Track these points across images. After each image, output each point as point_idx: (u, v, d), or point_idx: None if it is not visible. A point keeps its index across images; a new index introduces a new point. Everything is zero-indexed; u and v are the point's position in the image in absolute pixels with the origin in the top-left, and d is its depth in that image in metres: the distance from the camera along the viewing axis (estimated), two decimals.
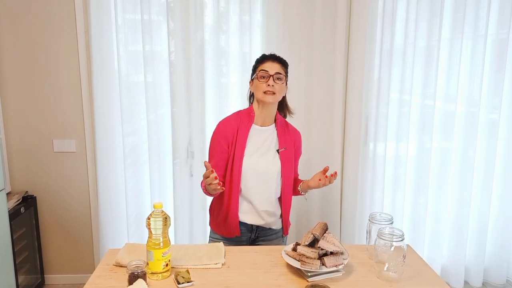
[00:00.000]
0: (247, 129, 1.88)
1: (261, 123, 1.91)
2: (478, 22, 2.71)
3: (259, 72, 1.84)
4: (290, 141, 1.95)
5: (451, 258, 3.00)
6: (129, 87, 2.74)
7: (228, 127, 1.90)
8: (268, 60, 1.86)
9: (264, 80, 1.83)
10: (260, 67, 1.86)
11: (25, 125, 2.83)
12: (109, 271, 1.57)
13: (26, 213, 2.81)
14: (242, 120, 1.91)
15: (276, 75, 1.83)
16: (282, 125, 1.96)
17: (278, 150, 1.91)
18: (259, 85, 1.84)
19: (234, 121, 1.91)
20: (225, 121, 1.93)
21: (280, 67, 1.86)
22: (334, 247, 1.52)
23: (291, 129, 2.00)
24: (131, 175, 2.83)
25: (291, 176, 1.95)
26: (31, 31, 2.72)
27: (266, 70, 1.83)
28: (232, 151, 1.87)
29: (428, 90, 2.77)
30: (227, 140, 1.88)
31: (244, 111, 1.94)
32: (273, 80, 1.81)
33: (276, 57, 1.89)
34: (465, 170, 2.87)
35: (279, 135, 1.93)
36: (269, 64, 1.85)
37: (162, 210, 1.49)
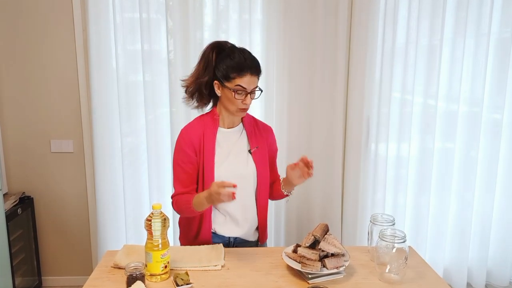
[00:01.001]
0: (213, 134, 1.77)
1: (228, 125, 1.80)
2: (481, 21, 2.71)
3: (235, 87, 1.66)
4: (262, 139, 1.85)
5: (454, 260, 3.00)
6: (127, 86, 2.74)
7: (193, 133, 1.76)
8: (247, 74, 1.66)
9: (240, 96, 1.68)
10: (237, 80, 1.66)
11: (22, 125, 2.83)
12: (107, 273, 1.57)
13: (23, 215, 2.81)
14: (206, 124, 1.78)
15: (253, 90, 1.69)
16: (250, 123, 1.85)
17: (250, 151, 1.80)
18: (233, 100, 1.69)
19: (199, 126, 1.78)
20: (189, 127, 1.80)
21: (256, 79, 1.70)
22: (335, 248, 1.51)
23: (261, 126, 1.89)
24: (129, 175, 2.83)
25: (267, 177, 1.84)
26: (28, 30, 2.72)
27: (244, 87, 1.66)
28: (201, 159, 1.75)
29: (430, 89, 2.77)
30: (194, 147, 1.75)
31: (207, 115, 1.82)
32: (250, 98, 1.69)
33: (256, 68, 1.70)
34: (468, 170, 2.87)
35: (248, 135, 1.82)
36: (248, 79, 1.67)
37: (161, 211, 1.49)
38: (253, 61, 1.70)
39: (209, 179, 1.73)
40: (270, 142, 1.90)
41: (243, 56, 1.69)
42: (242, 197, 1.77)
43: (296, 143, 2.79)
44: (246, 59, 1.69)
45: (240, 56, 1.69)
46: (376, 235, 1.59)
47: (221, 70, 1.70)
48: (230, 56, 1.69)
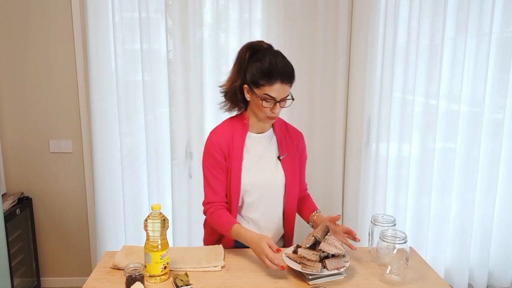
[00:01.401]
0: (242, 138, 1.70)
1: (258, 130, 1.74)
2: (482, 20, 2.71)
3: (264, 95, 1.58)
4: (292, 146, 1.79)
5: (455, 261, 3.00)
6: (126, 86, 2.74)
7: (222, 137, 1.70)
8: (277, 82, 1.57)
9: (269, 105, 1.60)
10: (266, 89, 1.58)
11: (21, 125, 2.83)
12: (106, 274, 1.57)
13: (22, 215, 2.81)
14: (235, 128, 1.72)
15: (283, 100, 1.61)
16: (281, 129, 1.79)
17: (280, 157, 1.75)
18: (261, 107, 1.62)
19: (228, 130, 1.72)
20: (217, 131, 1.74)
21: (288, 87, 1.61)
22: (335, 249, 1.51)
23: (292, 131, 1.83)
24: (128, 176, 2.83)
25: (296, 186, 1.79)
26: (26, 30, 2.72)
27: (273, 96, 1.58)
28: (229, 164, 1.69)
29: (431, 89, 2.77)
30: (223, 152, 1.69)
31: (237, 118, 1.75)
32: (279, 107, 1.61)
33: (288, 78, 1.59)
34: (469, 171, 2.87)
35: (279, 141, 1.76)
36: (278, 88, 1.57)
37: (160, 212, 1.49)
38: (285, 68, 1.59)
39: (235, 185, 1.69)
40: (300, 148, 1.83)
41: (274, 61, 1.58)
42: (268, 206, 1.76)
43: None
44: (278, 65, 1.57)
45: (272, 61, 1.57)
46: (376, 235, 1.59)
47: (250, 74, 1.61)
48: (261, 61, 1.59)
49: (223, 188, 1.73)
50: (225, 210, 1.73)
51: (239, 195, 1.71)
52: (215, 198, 1.73)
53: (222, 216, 1.69)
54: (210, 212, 1.72)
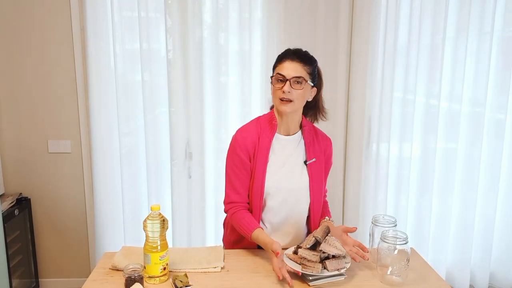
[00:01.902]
0: (269, 140, 1.68)
1: (285, 132, 1.71)
2: (484, 20, 2.71)
3: (275, 75, 1.61)
4: (320, 151, 1.76)
5: (456, 261, 3.00)
6: (125, 86, 2.74)
7: (249, 137, 1.68)
8: (286, 59, 1.61)
9: (280, 85, 1.60)
10: (277, 69, 1.62)
11: (19, 125, 2.83)
12: (105, 275, 1.57)
13: (20, 216, 2.81)
14: (263, 128, 1.69)
15: (294, 79, 1.58)
16: (310, 133, 1.76)
17: (306, 162, 1.72)
18: (274, 91, 1.62)
19: (255, 130, 1.70)
20: (244, 130, 1.72)
21: (301, 68, 1.60)
22: (336, 250, 1.51)
23: (321, 136, 1.80)
24: (127, 176, 2.83)
25: (321, 193, 1.78)
26: (25, 29, 2.72)
27: (282, 73, 1.59)
28: (253, 165, 1.67)
29: (432, 89, 2.77)
30: (248, 152, 1.67)
31: (265, 118, 1.73)
32: (290, 85, 1.58)
33: (298, 54, 1.63)
34: (471, 171, 2.87)
35: (307, 145, 1.73)
36: (288, 65, 1.59)
37: (159, 213, 1.49)
38: (296, 50, 1.65)
39: (259, 188, 1.67)
40: (327, 154, 1.80)
41: (288, 49, 1.67)
42: (291, 211, 1.74)
43: None
44: (290, 50, 1.65)
45: (286, 49, 1.67)
46: (377, 236, 1.59)
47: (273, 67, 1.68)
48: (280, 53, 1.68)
49: (246, 188, 1.71)
50: (247, 211, 1.71)
51: (262, 197, 1.69)
52: (237, 198, 1.71)
53: (245, 218, 1.67)
54: (232, 212, 1.71)
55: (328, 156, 1.82)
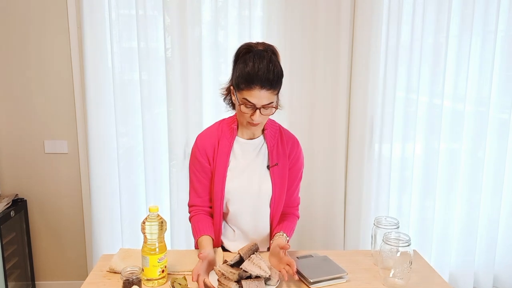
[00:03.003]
0: (229, 143, 1.68)
1: (247, 136, 1.70)
2: (488, 18, 2.71)
3: (242, 100, 1.53)
4: (284, 155, 1.72)
5: (460, 264, 3.00)
6: (123, 85, 2.74)
7: (207, 141, 1.69)
8: (256, 87, 1.49)
9: (248, 110, 1.54)
10: (244, 93, 1.52)
11: (15, 125, 2.83)
12: (103, 278, 1.57)
13: (16, 217, 2.81)
14: (223, 132, 1.69)
15: (264, 107, 1.53)
16: (274, 135, 1.72)
17: (269, 167, 1.70)
18: (241, 113, 1.58)
19: (215, 133, 1.70)
20: (204, 134, 1.73)
21: (270, 94, 1.52)
22: (259, 270, 1.44)
23: (286, 138, 1.74)
24: (125, 177, 2.83)
25: (282, 200, 1.72)
26: (21, 28, 2.72)
27: (251, 102, 1.52)
28: (213, 168, 1.68)
29: (435, 88, 2.77)
30: (207, 156, 1.68)
31: (226, 122, 1.72)
32: (260, 114, 1.53)
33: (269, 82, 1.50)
34: (475, 172, 2.87)
35: (269, 148, 1.70)
36: (257, 94, 1.50)
37: (158, 214, 1.49)
38: (268, 73, 1.50)
39: (218, 192, 1.68)
40: (292, 157, 1.74)
41: (257, 65, 1.50)
42: (255, 217, 1.73)
43: None
44: (259, 70, 1.49)
45: (254, 65, 1.51)
46: (380, 238, 1.59)
47: (235, 76, 1.57)
48: (245, 63, 1.53)
49: (207, 192, 1.73)
50: (206, 216, 1.73)
51: (222, 201, 1.70)
52: (198, 201, 1.75)
53: (199, 222, 1.70)
54: (191, 216, 1.76)
55: (294, 159, 1.74)
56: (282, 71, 1.58)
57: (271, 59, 1.55)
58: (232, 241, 1.78)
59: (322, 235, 2.90)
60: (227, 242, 1.79)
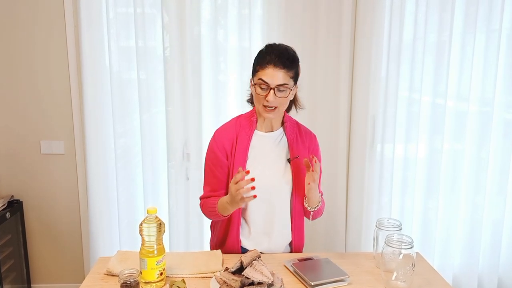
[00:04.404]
0: (248, 136, 1.70)
1: (266, 129, 1.73)
2: (492, 16, 2.71)
3: (257, 81, 1.59)
4: (304, 148, 1.75)
5: (464, 267, 3.00)
6: (121, 85, 2.74)
7: (226, 135, 1.72)
8: (269, 66, 1.57)
9: (263, 93, 1.59)
10: (259, 74, 1.59)
11: (11, 125, 2.84)
12: (100, 281, 1.57)
13: (12, 219, 2.81)
14: (242, 126, 1.72)
15: (278, 87, 1.58)
16: (292, 128, 1.77)
17: (289, 160, 1.72)
18: (257, 97, 1.62)
19: (233, 128, 1.73)
20: (222, 129, 1.76)
21: (284, 74, 1.57)
22: (261, 276, 1.44)
23: (305, 133, 1.80)
24: (123, 178, 2.83)
25: (302, 193, 1.73)
26: (16, 26, 2.72)
27: (265, 81, 1.57)
28: (231, 162, 1.69)
29: (438, 88, 2.77)
30: (225, 151, 1.70)
31: (245, 116, 1.76)
32: (274, 94, 1.58)
33: (282, 60, 1.58)
34: (478, 173, 2.87)
35: (289, 142, 1.74)
36: (271, 72, 1.56)
37: (156, 216, 1.49)
38: (280, 53, 1.59)
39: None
40: (312, 151, 1.77)
41: (270, 48, 1.62)
42: (273, 210, 1.74)
43: None
44: (273, 49, 1.60)
45: (268, 46, 1.63)
46: (382, 240, 1.59)
47: (252, 67, 1.66)
48: (261, 50, 1.64)
49: (222, 187, 1.74)
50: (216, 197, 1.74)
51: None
52: (212, 194, 1.75)
53: (209, 201, 1.72)
54: (202, 203, 1.77)
55: (314, 152, 1.79)
56: (297, 58, 1.65)
57: (285, 46, 1.65)
58: (248, 239, 1.78)
59: (323, 237, 2.90)
60: (244, 240, 1.79)
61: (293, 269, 1.62)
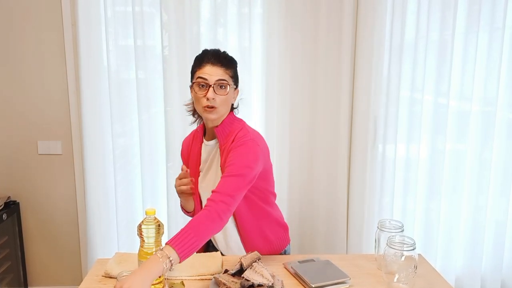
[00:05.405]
0: (198, 146, 1.82)
1: (210, 137, 1.77)
2: (495, 14, 2.71)
3: (197, 80, 1.62)
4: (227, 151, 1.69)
5: (466, 268, 3.00)
6: (119, 84, 2.74)
7: (185, 144, 1.91)
8: (207, 64, 1.61)
9: (202, 91, 1.61)
10: (197, 73, 1.63)
11: (7, 125, 2.84)
12: (98, 283, 1.57)
13: (9, 220, 2.81)
14: (196, 136, 1.84)
15: (218, 83, 1.60)
16: (226, 134, 1.70)
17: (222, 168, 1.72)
18: (197, 97, 1.63)
19: (191, 137, 1.88)
20: (186, 138, 1.93)
21: (223, 71, 1.62)
22: (261, 278, 1.44)
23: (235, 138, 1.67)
24: (121, 179, 2.83)
25: None
26: (12, 24, 2.72)
27: (204, 77, 1.60)
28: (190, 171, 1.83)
29: (441, 87, 2.77)
30: (184, 157, 1.90)
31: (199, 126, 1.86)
32: (214, 91, 1.60)
33: (218, 57, 1.64)
34: (481, 173, 2.87)
35: (221, 149, 1.71)
36: (209, 69, 1.60)
37: (154, 217, 1.49)
38: (217, 53, 1.67)
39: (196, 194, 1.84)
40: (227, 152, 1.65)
41: (206, 50, 1.69)
42: None
43: (299, 144, 2.79)
44: (209, 51, 1.68)
45: (204, 51, 1.70)
46: (383, 242, 1.59)
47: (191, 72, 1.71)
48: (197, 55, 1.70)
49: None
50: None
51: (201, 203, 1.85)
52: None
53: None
54: None
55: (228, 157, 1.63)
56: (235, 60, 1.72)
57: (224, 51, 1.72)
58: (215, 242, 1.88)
59: (324, 239, 2.90)
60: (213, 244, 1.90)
61: (293, 271, 1.62)
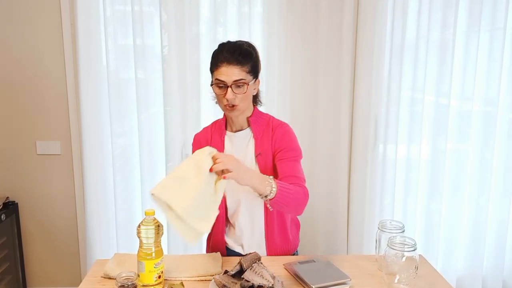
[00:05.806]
0: (220, 138, 1.78)
1: (236, 128, 1.78)
2: (497, 14, 2.71)
3: (215, 81, 1.64)
4: (267, 142, 1.74)
5: (467, 269, 3.00)
6: (118, 84, 2.74)
7: (202, 137, 1.83)
8: (223, 64, 1.60)
9: (222, 91, 1.62)
10: (215, 74, 1.63)
11: (6, 125, 2.83)
12: (97, 284, 1.57)
13: (7, 221, 2.81)
14: (216, 129, 1.82)
15: (235, 84, 1.60)
16: (259, 124, 1.76)
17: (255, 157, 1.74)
18: (218, 97, 1.67)
19: (209, 131, 1.84)
20: (200, 133, 1.87)
21: (240, 70, 1.60)
22: (261, 280, 1.43)
23: (273, 126, 1.77)
24: (120, 179, 2.83)
25: None
26: (11, 24, 2.72)
27: (221, 79, 1.61)
28: None
29: (442, 87, 2.77)
30: None
31: (217, 121, 1.85)
32: (232, 91, 1.60)
33: (234, 55, 1.61)
34: (483, 174, 2.87)
35: (255, 136, 1.75)
36: (225, 70, 1.60)
37: (154, 218, 1.49)
38: (231, 49, 1.62)
39: None
40: (275, 140, 1.74)
41: (221, 47, 1.66)
42: (250, 211, 1.77)
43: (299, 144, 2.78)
44: (224, 47, 1.64)
45: (219, 47, 1.66)
46: (384, 242, 1.59)
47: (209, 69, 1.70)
48: (214, 51, 1.68)
49: None
50: None
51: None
52: None
53: None
54: None
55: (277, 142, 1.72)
56: (253, 52, 1.67)
57: (238, 42, 1.68)
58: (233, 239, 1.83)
59: (325, 239, 2.90)
60: (230, 241, 1.85)
61: (294, 271, 1.62)
